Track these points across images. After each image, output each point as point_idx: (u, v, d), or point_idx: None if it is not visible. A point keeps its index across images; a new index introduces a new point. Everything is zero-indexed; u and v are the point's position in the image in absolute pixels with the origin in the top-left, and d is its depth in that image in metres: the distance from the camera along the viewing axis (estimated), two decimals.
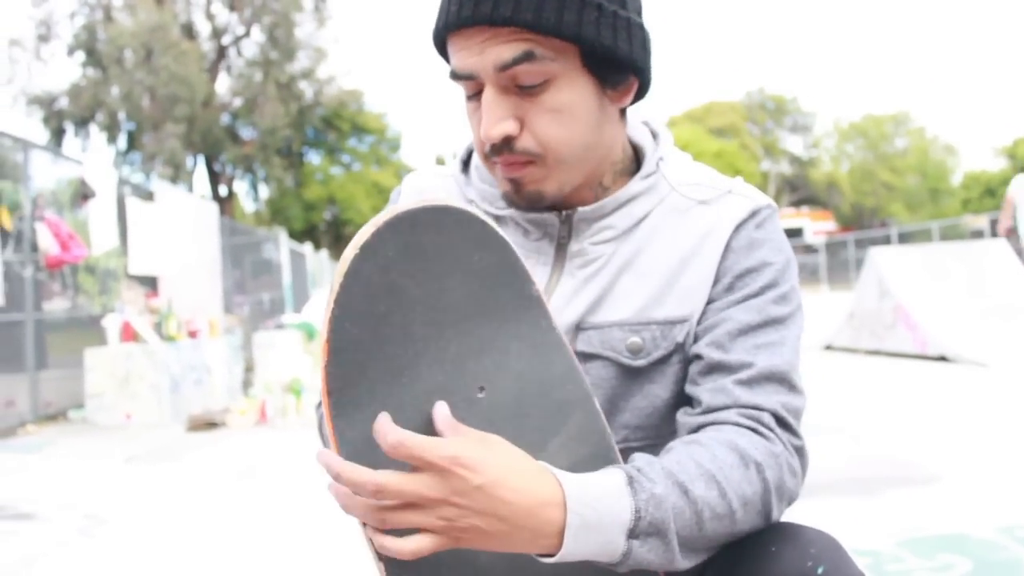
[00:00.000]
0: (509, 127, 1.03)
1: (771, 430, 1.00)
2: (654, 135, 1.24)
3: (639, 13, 1.07)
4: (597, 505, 0.84)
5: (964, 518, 3.34)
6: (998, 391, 6.64)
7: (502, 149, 1.04)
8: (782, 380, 1.04)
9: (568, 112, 1.04)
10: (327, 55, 34.93)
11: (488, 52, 1.00)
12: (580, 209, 1.12)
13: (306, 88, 35.16)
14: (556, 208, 1.13)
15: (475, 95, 1.07)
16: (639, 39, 1.07)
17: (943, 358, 8.85)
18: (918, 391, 6.92)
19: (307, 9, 33.60)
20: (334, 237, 40.50)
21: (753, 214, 1.14)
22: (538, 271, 1.13)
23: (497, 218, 1.17)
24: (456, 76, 1.06)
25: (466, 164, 1.26)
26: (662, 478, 0.89)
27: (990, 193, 44.11)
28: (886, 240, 31.01)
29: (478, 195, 1.20)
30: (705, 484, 0.91)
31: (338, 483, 0.80)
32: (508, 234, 1.12)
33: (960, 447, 4.65)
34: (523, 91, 1.03)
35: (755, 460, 0.95)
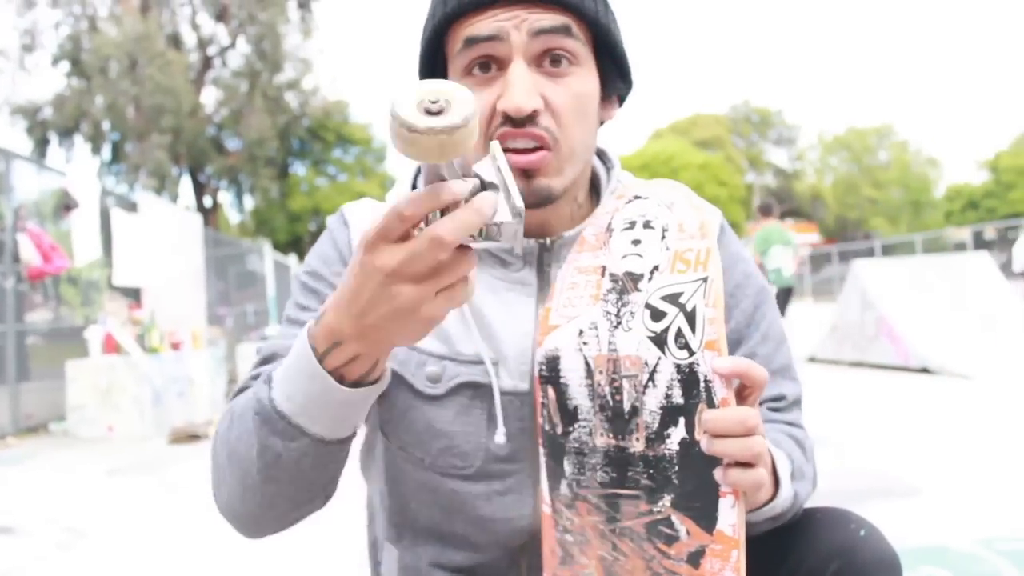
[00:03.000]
0: (538, 101, 1.00)
1: (802, 430, 1.18)
2: (599, 154, 1.24)
3: None
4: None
5: (945, 530, 3.35)
6: (980, 403, 6.68)
7: (524, 123, 1.00)
8: (801, 400, 1.20)
9: (585, 103, 1.05)
10: (313, 66, 34.91)
11: (524, 17, 1.00)
12: (565, 235, 1.12)
13: (292, 99, 35.11)
14: (533, 234, 1.12)
15: (486, 64, 1.03)
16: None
17: (925, 370, 8.89)
18: (900, 403, 6.95)
19: (293, 20, 33.58)
20: None
21: (722, 228, 1.20)
22: (522, 303, 1.12)
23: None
24: (476, 40, 1.01)
25: None
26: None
27: (973, 206, 44.44)
28: (870, 252, 31.15)
29: None
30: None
31: None
32: (484, 269, 1.13)
33: (942, 459, 4.67)
34: (549, 70, 1.02)
35: (810, 448, 1.17)
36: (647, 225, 0.99)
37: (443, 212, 0.74)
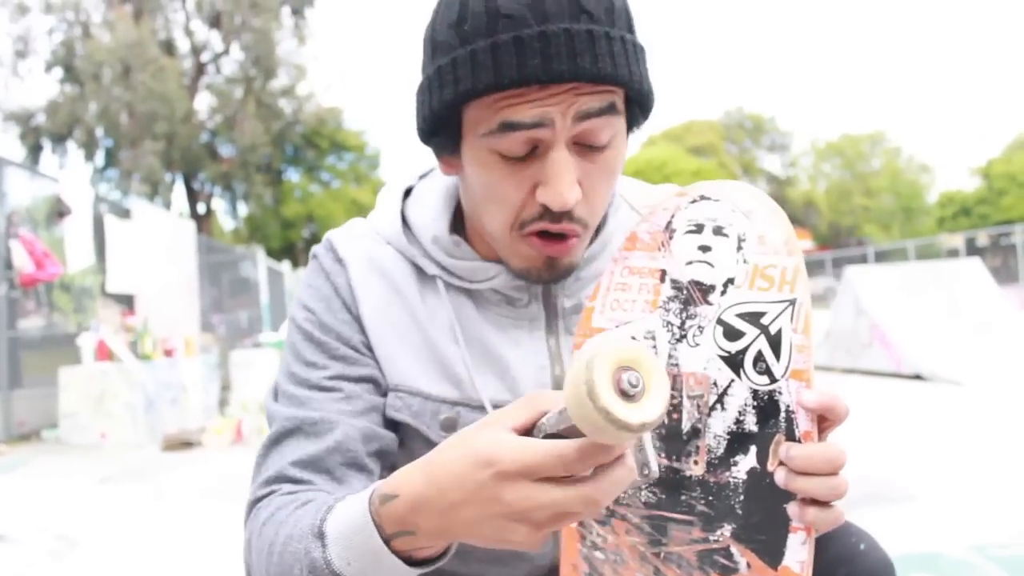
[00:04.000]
0: (579, 192, 0.92)
1: None
2: None
3: None
4: None
5: (937, 537, 3.36)
6: (972, 409, 6.69)
7: (560, 217, 0.93)
8: None
9: (617, 171, 0.98)
10: (307, 73, 34.91)
11: (570, 100, 0.88)
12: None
13: (286, 105, 35.09)
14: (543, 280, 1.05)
15: (520, 155, 0.92)
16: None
17: (918, 376, 8.91)
18: (893, 409, 6.96)
19: (287, 27, 33.59)
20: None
21: None
22: (533, 339, 1.08)
23: (471, 292, 1.09)
24: (515, 126, 0.89)
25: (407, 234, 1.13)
26: None
27: (965, 212, 44.54)
28: (862, 259, 31.20)
29: (442, 271, 1.08)
30: None
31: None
32: (490, 308, 1.08)
33: (935, 466, 4.67)
34: (587, 150, 0.93)
35: None
36: (718, 231, 0.91)
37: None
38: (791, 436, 0.82)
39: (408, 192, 1.17)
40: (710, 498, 0.86)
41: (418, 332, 1.07)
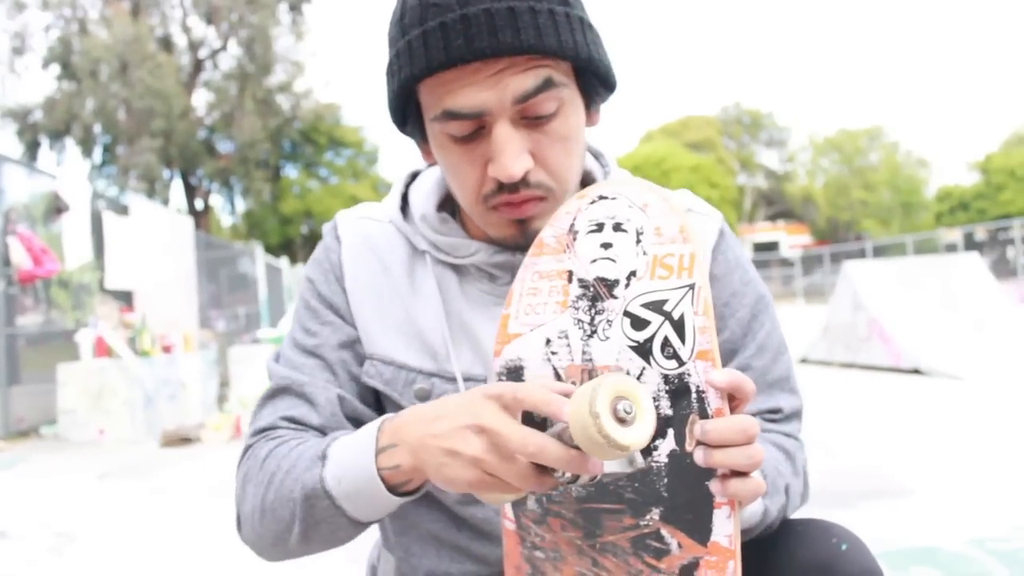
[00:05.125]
0: (528, 162, 0.98)
1: (798, 441, 1.18)
2: (595, 155, 1.22)
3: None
4: None
5: (936, 531, 3.36)
6: (971, 404, 6.70)
7: (516, 186, 1.00)
8: (801, 413, 1.20)
9: (573, 138, 1.02)
10: (304, 69, 34.89)
11: (504, 83, 0.94)
12: None
13: (283, 102, 35.09)
14: (521, 247, 1.09)
15: (469, 135, 0.99)
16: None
17: (917, 371, 8.91)
18: (892, 404, 6.96)
19: (284, 23, 33.58)
20: (311, 251, 40.27)
21: (721, 234, 1.18)
22: None
23: (457, 268, 1.15)
24: (456, 115, 0.97)
25: (403, 212, 1.21)
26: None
27: (963, 207, 44.57)
28: (861, 254, 31.24)
29: (430, 245, 1.15)
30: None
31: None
32: (472, 284, 1.14)
33: (933, 460, 4.68)
34: (533, 121, 0.98)
35: (802, 459, 1.17)
36: (618, 228, 0.93)
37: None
38: (704, 415, 0.84)
39: (416, 176, 1.25)
40: (636, 485, 0.89)
41: (401, 305, 1.14)
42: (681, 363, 0.85)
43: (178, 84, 30.48)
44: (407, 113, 1.06)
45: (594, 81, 1.03)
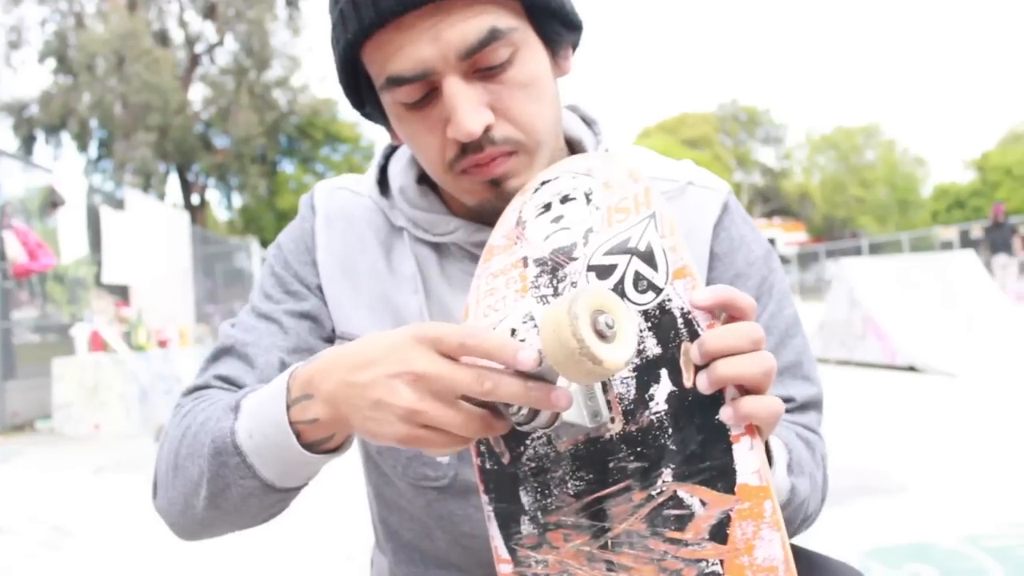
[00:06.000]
0: (487, 116, 0.89)
1: (816, 434, 1.06)
2: (587, 122, 1.13)
3: None
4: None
5: (931, 528, 3.36)
6: (966, 401, 6.70)
7: (480, 145, 0.91)
8: (819, 403, 1.08)
9: (536, 84, 0.92)
10: (301, 64, 34.83)
11: (444, 38, 0.86)
12: None
13: (280, 97, 35.02)
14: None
15: (421, 100, 0.91)
16: None
17: (912, 368, 8.92)
18: (887, 401, 6.97)
19: (281, 18, 33.50)
20: None
21: (725, 208, 1.08)
22: None
23: (437, 246, 1.07)
24: (400, 80, 0.89)
25: (382, 186, 1.13)
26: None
27: (959, 205, 44.64)
28: (857, 251, 31.25)
29: (408, 222, 1.07)
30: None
31: None
32: (453, 263, 1.06)
33: (928, 457, 4.68)
34: (486, 73, 0.89)
35: (821, 453, 1.05)
36: (565, 199, 0.88)
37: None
38: (695, 338, 0.74)
39: (396, 149, 1.17)
40: (639, 449, 0.78)
41: (377, 282, 1.07)
42: (658, 291, 0.77)
43: (174, 79, 30.42)
44: (362, 93, 0.99)
45: (551, 21, 0.94)
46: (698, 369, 0.73)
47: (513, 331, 0.84)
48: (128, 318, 8.48)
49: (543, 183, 0.92)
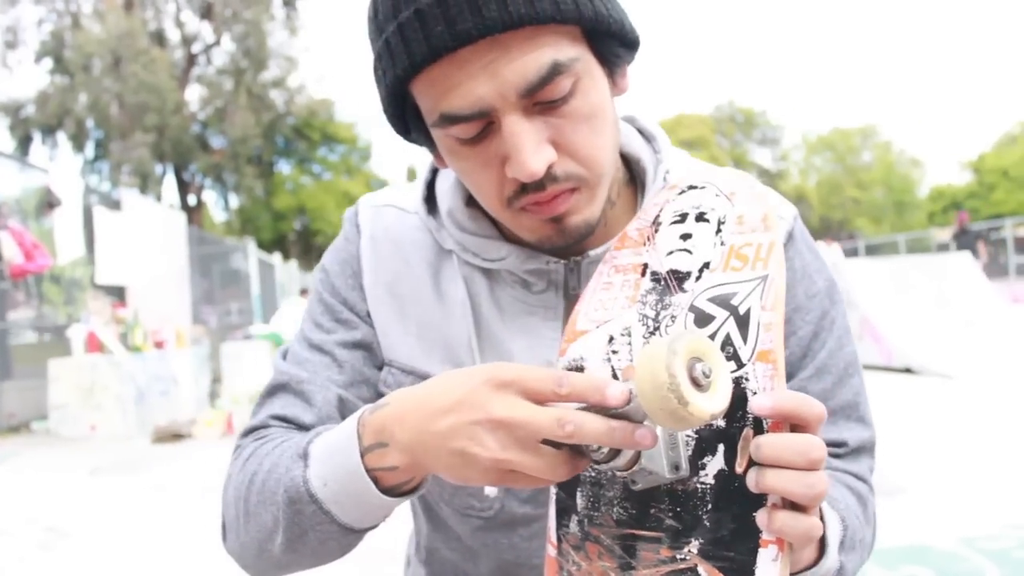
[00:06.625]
0: (550, 154, 0.83)
1: (867, 484, 1.02)
2: (646, 137, 1.07)
3: None
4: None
5: (927, 529, 3.37)
6: (962, 403, 6.71)
7: (542, 184, 0.85)
8: (872, 448, 1.03)
9: (598, 114, 0.86)
10: (298, 64, 34.81)
11: (502, 75, 0.80)
12: (591, 253, 0.97)
13: (277, 97, 34.98)
14: (560, 250, 0.96)
15: (477, 136, 0.85)
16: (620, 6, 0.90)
17: (908, 370, 8.93)
18: (883, 403, 6.98)
19: (278, 18, 33.46)
20: (304, 247, 40.33)
21: (790, 237, 1.03)
22: (546, 328, 0.99)
23: (487, 271, 1.02)
24: (456, 119, 0.82)
25: (429, 204, 1.07)
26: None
27: (956, 207, 44.66)
28: (854, 252, 31.26)
29: (457, 246, 1.02)
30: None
31: None
32: (504, 289, 1.01)
33: (924, 459, 4.69)
34: (547, 106, 0.83)
35: (872, 509, 1.00)
36: (700, 218, 0.84)
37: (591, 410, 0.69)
38: (760, 430, 0.72)
39: None
40: (678, 509, 0.77)
41: (425, 308, 1.03)
42: (740, 365, 0.75)
43: (171, 79, 30.37)
44: (407, 120, 0.91)
45: (610, 42, 0.87)
46: (751, 462, 0.71)
47: (611, 338, 0.84)
48: (124, 319, 8.47)
49: (690, 187, 0.89)
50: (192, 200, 34.60)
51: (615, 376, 0.82)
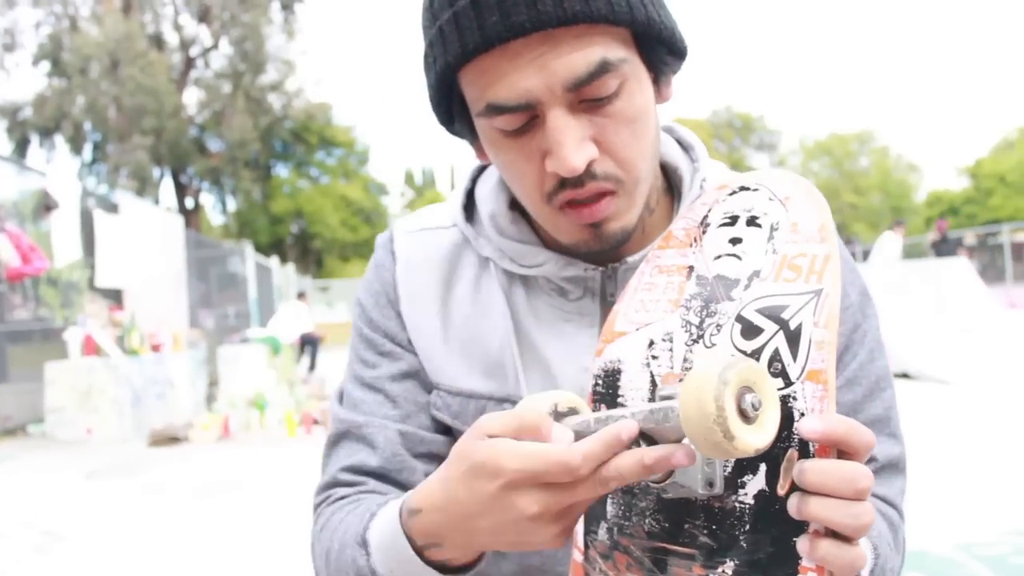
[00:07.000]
0: (591, 151, 0.84)
1: (898, 511, 1.02)
2: (684, 147, 1.07)
3: None
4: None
5: (924, 535, 3.36)
6: (959, 408, 6.72)
7: (581, 180, 0.85)
8: (903, 466, 1.03)
9: (641, 118, 0.87)
10: (296, 68, 34.80)
11: (551, 68, 0.81)
12: (628, 260, 0.97)
13: (274, 101, 34.98)
14: (596, 256, 0.97)
15: (521, 128, 0.85)
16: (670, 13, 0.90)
17: (906, 375, 8.95)
18: None
19: (276, 22, 33.47)
20: (301, 251, 40.36)
21: None
22: (581, 335, 0.99)
23: (524, 278, 1.02)
24: (502, 109, 0.83)
25: (468, 212, 1.07)
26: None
27: (953, 212, 44.74)
28: (851, 257, 31.33)
29: (495, 252, 1.02)
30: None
31: None
32: (541, 297, 1.01)
33: (921, 465, 4.69)
34: (592, 104, 0.84)
35: (902, 536, 1.01)
36: (752, 222, 0.82)
37: None
38: (805, 452, 0.69)
39: (484, 170, 1.10)
40: (713, 527, 0.75)
41: (465, 324, 1.03)
42: (788, 383, 0.71)
43: (169, 82, 30.36)
44: (452, 110, 0.92)
45: (659, 48, 0.88)
46: (794, 485, 0.68)
47: (651, 342, 0.82)
48: (121, 322, 8.46)
49: (742, 188, 0.86)
50: (189, 203, 34.58)
51: (653, 383, 0.81)
